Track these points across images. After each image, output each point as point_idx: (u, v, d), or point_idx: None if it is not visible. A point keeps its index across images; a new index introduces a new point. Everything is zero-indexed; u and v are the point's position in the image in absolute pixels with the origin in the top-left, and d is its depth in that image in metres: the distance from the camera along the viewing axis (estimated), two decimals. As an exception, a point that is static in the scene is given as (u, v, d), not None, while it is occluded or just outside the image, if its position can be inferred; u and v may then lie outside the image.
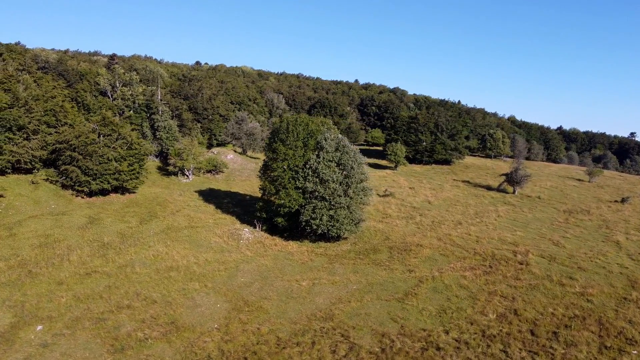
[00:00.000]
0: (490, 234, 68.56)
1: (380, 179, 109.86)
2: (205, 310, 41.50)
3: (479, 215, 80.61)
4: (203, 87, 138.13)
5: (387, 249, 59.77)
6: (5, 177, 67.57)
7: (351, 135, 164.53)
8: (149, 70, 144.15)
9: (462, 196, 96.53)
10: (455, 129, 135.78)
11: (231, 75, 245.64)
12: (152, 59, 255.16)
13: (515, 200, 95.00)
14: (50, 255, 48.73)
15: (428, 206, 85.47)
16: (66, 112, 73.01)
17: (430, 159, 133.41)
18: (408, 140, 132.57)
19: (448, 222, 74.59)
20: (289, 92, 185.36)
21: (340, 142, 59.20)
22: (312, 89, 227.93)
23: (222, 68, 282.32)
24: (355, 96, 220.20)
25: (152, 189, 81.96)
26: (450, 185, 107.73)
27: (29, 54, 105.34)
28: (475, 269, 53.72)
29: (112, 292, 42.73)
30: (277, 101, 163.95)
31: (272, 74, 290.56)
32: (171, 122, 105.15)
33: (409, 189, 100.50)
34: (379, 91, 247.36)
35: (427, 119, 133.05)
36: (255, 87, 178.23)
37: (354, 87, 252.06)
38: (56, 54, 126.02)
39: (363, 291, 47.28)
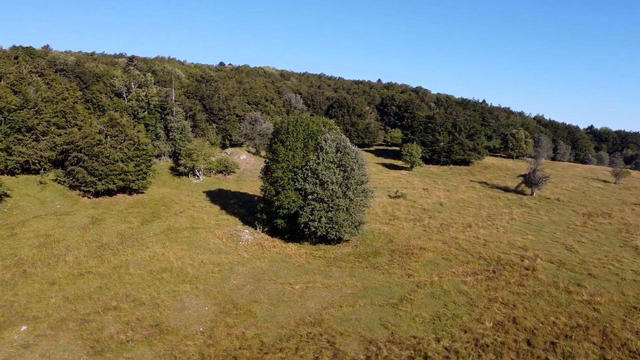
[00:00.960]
0: (500, 237, 66.28)
1: (394, 180, 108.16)
2: (192, 313, 41.11)
3: (491, 217, 78.19)
4: (219, 88, 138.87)
5: (389, 252, 58.37)
6: (15, 177, 69.07)
7: (369, 135, 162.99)
8: (166, 71, 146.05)
9: (477, 198, 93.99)
10: (474, 129, 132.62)
11: (253, 76, 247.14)
12: (174, 61, 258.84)
13: (532, 203, 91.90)
14: (47, 255, 49.28)
15: (439, 208, 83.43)
16: (77, 113, 74.13)
17: (447, 159, 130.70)
18: (425, 140, 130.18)
19: (457, 224, 72.54)
20: (308, 92, 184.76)
21: (341, 143, 58.10)
22: (333, 89, 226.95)
23: (244, 69, 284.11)
24: (376, 96, 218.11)
25: (161, 190, 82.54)
26: (466, 187, 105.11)
27: (49, 57, 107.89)
28: (477, 274, 51.87)
29: (102, 293, 42.80)
30: (294, 101, 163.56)
31: (294, 74, 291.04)
32: (185, 122, 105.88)
33: (422, 190, 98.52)
34: (400, 90, 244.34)
35: (444, 119, 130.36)
36: (273, 88, 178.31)
37: (375, 86, 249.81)
38: (74, 56, 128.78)
39: (357, 296, 46.12)
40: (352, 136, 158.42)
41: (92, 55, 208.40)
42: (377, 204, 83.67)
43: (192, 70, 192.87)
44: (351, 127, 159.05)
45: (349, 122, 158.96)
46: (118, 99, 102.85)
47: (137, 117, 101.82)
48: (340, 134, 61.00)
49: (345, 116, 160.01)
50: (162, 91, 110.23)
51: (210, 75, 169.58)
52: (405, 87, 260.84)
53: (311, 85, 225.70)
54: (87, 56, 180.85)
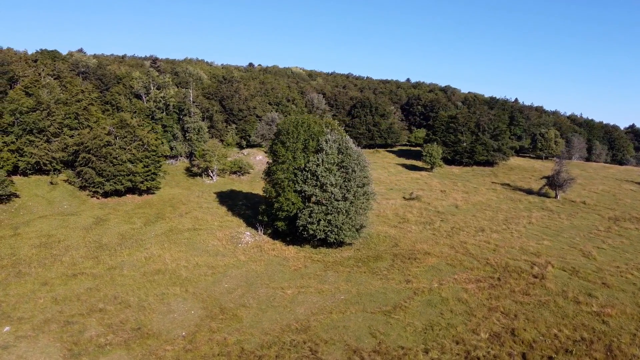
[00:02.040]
0: (513, 242, 63.36)
1: (411, 181, 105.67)
2: (177, 316, 40.61)
3: (507, 221, 75.02)
4: (240, 89, 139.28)
5: (391, 256, 56.52)
6: (28, 178, 70.76)
7: (392, 135, 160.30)
8: (188, 72, 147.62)
9: (496, 200, 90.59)
10: (499, 129, 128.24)
11: (280, 76, 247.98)
12: (202, 62, 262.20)
13: (555, 206, 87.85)
14: (45, 255, 49.92)
15: (454, 211, 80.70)
16: (90, 114, 75.35)
17: (470, 160, 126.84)
18: (447, 140, 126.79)
19: (469, 228, 69.86)
20: (332, 92, 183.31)
21: (343, 144, 56.65)
22: (359, 89, 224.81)
23: (272, 69, 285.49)
24: (402, 95, 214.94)
25: (173, 190, 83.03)
26: (486, 189, 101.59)
27: (71, 60, 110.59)
28: (481, 282, 49.49)
29: (91, 295, 42.86)
30: (317, 101, 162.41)
31: (321, 74, 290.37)
32: (201, 123, 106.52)
33: (439, 192, 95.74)
34: (428, 90, 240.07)
35: (467, 119, 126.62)
36: (297, 88, 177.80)
37: (402, 86, 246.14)
38: (96, 59, 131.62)
39: (350, 302, 44.65)
40: (375, 136, 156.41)
41: (123, 58, 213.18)
42: (389, 206, 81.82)
43: (218, 72, 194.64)
44: (374, 127, 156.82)
45: (372, 122, 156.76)
46: (137, 100, 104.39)
47: (154, 118, 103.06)
48: (344, 135, 59.49)
49: (367, 116, 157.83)
50: (181, 92, 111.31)
51: (233, 76, 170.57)
52: (433, 86, 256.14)
53: (336, 85, 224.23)
54: (118, 59, 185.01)
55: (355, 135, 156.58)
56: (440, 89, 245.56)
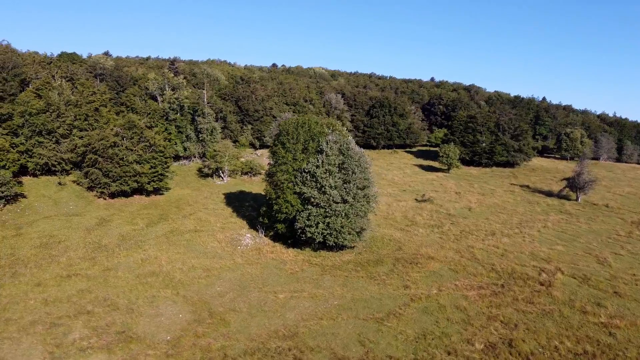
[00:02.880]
0: (523, 247, 60.86)
1: (426, 183, 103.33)
2: (164, 320, 40.10)
3: (521, 225, 72.28)
4: (257, 89, 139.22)
5: (393, 260, 54.93)
6: (37, 178, 71.92)
7: (411, 135, 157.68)
8: (206, 73, 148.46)
9: (512, 203, 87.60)
10: (520, 129, 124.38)
11: (302, 76, 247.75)
12: (225, 63, 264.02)
13: (575, 209, 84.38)
14: (43, 256, 50.28)
15: (466, 213, 78.28)
16: (100, 116, 76.17)
17: (489, 161, 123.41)
18: (465, 141, 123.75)
19: (480, 232, 67.53)
20: (351, 92, 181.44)
21: (344, 145, 55.31)
22: (380, 88, 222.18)
23: (296, 70, 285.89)
24: (425, 95, 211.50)
25: (182, 191, 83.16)
26: (504, 191, 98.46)
27: (89, 62, 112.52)
28: (483, 289, 47.49)
29: (82, 296, 42.79)
30: (335, 101, 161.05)
31: (343, 74, 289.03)
32: (215, 124, 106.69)
33: (454, 194, 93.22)
34: (451, 89, 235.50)
35: (486, 118, 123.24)
36: (315, 88, 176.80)
37: (425, 85, 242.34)
38: (114, 61, 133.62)
39: (343, 308, 43.35)
40: (393, 136, 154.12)
41: (147, 60, 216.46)
42: (399, 208, 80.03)
43: (237, 72, 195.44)
44: (392, 127, 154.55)
45: (390, 122, 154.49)
46: (152, 101, 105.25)
47: (168, 118, 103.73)
48: (346, 136, 58.13)
49: (386, 116, 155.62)
50: (195, 93, 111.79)
51: (250, 76, 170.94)
52: (457, 85, 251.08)
53: (357, 85, 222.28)
54: (140, 61, 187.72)
55: (374, 135, 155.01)
56: (464, 87, 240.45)
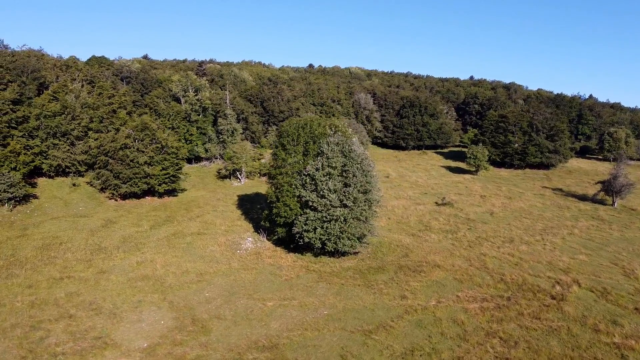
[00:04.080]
0: (542, 256, 56.73)
1: (451, 185, 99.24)
2: (145, 326, 39.24)
3: (545, 231, 67.75)
4: (283, 90, 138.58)
5: (396, 268, 52.26)
6: (53, 179, 73.48)
7: (442, 136, 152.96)
8: (233, 74, 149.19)
9: (540, 207, 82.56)
10: (556, 128, 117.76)
11: (337, 76, 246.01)
12: (260, 64, 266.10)
13: (609, 215, 78.59)
14: (42, 257, 50.71)
15: (487, 218, 74.22)
16: (116, 118, 77.12)
17: (522, 162, 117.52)
18: (496, 141, 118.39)
19: (497, 238, 63.65)
20: (382, 91, 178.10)
21: (346, 147, 53.08)
22: (414, 88, 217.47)
23: (331, 70, 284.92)
24: (461, 94, 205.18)
25: (197, 192, 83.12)
26: (533, 194, 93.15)
27: (116, 65, 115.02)
28: (487, 301, 44.21)
29: (69, 299, 42.61)
30: (364, 102, 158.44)
31: (379, 73, 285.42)
32: (236, 125, 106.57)
33: (479, 197, 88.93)
34: (490, 87, 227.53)
35: (518, 118, 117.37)
36: (345, 88, 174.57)
37: (461, 84, 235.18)
38: (139, 63, 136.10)
39: (331, 318, 41.23)
40: (423, 137, 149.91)
41: (184, 62, 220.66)
42: (416, 211, 76.86)
43: (266, 73, 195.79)
44: (422, 127, 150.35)
45: (420, 122, 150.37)
46: (175, 103, 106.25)
47: (190, 120, 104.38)
48: (350, 137, 55.83)
49: (416, 116, 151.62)
50: (218, 94, 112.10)
51: (279, 77, 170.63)
52: (496, 83, 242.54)
53: (390, 84, 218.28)
54: (172, 63, 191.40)
55: (403, 136, 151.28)
56: (503, 86, 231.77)
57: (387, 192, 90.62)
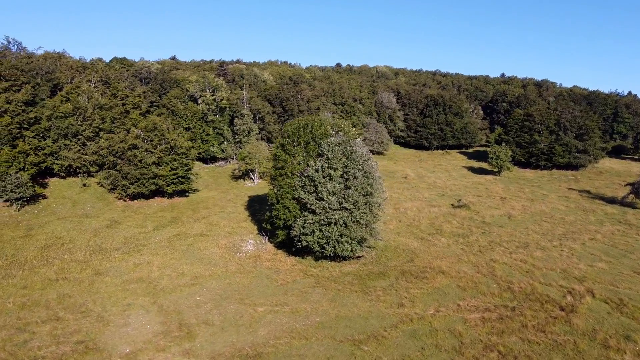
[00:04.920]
0: (557, 263, 53.47)
1: (471, 187, 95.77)
2: (131, 330, 38.57)
3: (565, 236, 64.13)
4: (303, 90, 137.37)
5: (398, 273, 50.13)
6: (65, 180, 74.41)
7: (467, 135, 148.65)
8: (253, 75, 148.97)
9: (563, 210, 78.47)
10: (586, 127, 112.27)
11: (362, 75, 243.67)
12: (285, 63, 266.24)
13: (638, 219, 73.99)
14: (42, 258, 50.94)
15: (503, 222, 70.93)
16: (129, 118, 77.57)
17: (548, 162, 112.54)
18: (521, 141, 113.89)
19: (511, 243, 60.56)
20: (407, 90, 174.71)
21: (348, 147, 51.28)
22: (441, 86, 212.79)
23: (359, 69, 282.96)
24: (490, 92, 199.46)
25: (209, 193, 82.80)
26: (558, 196, 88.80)
27: (135, 66, 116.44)
28: (489, 311, 41.65)
29: (60, 301, 42.41)
30: (387, 101, 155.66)
31: (406, 71, 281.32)
32: (252, 125, 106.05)
33: (499, 200, 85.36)
34: (521, 84, 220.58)
35: (545, 116, 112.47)
36: (368, 87, 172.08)
37: (490, 81, 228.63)
38: (163, 64, 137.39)
39: (322, 326, 39.60)
40: (447, 136, 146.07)
41: (210, 63, 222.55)
42: (429, 214, 74.22)
43: (291, 72, 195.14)
44: (446, 126, 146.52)
45: (444, 122, 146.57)
46: (192, 103, 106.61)
47: (206, 120, 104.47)
48: (354, 137, 54.02)
49: (440, 115, 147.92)
50: (236, 94, 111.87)
51: (301, 75, 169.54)
52: (528, 80, 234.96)
53: (416, 83, 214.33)
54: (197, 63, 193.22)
55: (426, 135, 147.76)
56: (535, 83, 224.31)
57: (403, 194, 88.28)
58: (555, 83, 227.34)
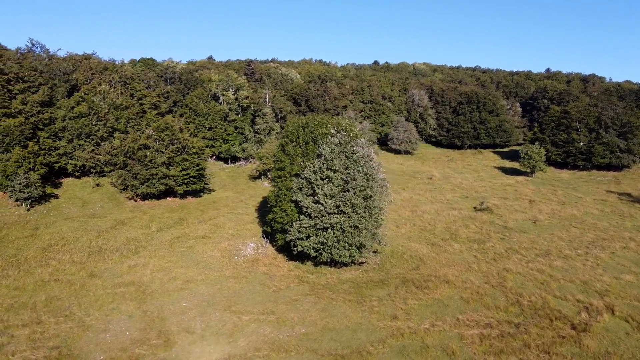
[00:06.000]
0: (578, 274, 48.87)
1: (499, 189, 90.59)
2: (109, 337, 37.50)
3: (593, 244, 59.00)
4: (330, 88, 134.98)
5: (399, 282, 47.08)
6: (79, 179, 75.24)
7: (502, 134, 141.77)
8: (280, 73, 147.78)
9: (596, 215, 72.63)
10: (630, 124, 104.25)
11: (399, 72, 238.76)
12: (320, 62, 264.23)
13: (681, 225, 67.32)
14: (41, 258, 50.92)
15: (528, 227, 66.19)
16: (145, 118, 77.72)
17: (587, 163, 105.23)
18: (557, 139, 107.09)
19: (530, 250, 56.14)
20: (440, 87, 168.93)
21: (347, 148, 48.60)
22: (480, 83, 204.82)
23: (396, 66, 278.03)
24: (531, 87, 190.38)
25: (223, 193, 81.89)
26: (593, 199, 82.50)
27: (161, 67, 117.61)
28: (490, 327, 38.10)
29: (47, 304, 41.94)
30: (418, 98, 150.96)
31: (444, 68, 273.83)
32: (274, 124, 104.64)
33: (527, 202, 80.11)
34: (565, 80, 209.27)
35: (583, 113, 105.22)
36: (401, 85, 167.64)
37: (533, 77, 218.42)
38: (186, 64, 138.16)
39: (306, 338, 37.28)
40: (481, 135, 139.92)
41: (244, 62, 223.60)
42: (446, 218, 70.27)
43: (323, 70, 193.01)
44: (480, 124, 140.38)
45: (478, 120, 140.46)
46: (215, 103, 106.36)
47: (227, 119, 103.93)
48: (356, 137, 51.13)
49: (473, 113, 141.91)
50: (258, 93, 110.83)
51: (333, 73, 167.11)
52: (574, 75, 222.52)
53: (452, 80, 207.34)
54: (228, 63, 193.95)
55: (458, 134, 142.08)
56: (581, 78, 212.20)
57: (424, 195, 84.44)
58: (603, 78, 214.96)
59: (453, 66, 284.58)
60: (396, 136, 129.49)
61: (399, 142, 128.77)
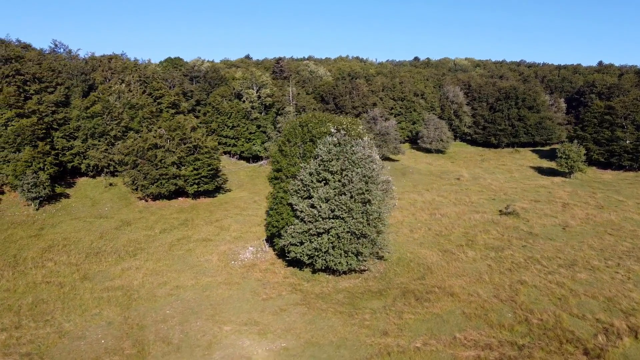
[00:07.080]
0: (603, 288, 43.79)
1: (531, 190, 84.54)
2: (83, 345, 36.13)
3: (628, 254, 53.25)
4: (359, 85, 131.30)
5: (399, 293, 43.60)
6: (93, 179, 75.47)
7: (542, 132, 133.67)
8: (309, 70, 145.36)
9: (636, 221, 66.04)
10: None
11: (439, 68, 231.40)
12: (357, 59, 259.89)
13: None
14: (40, 259, 50.60)
15: (556, 233, 60.77)
16: (159, 117, 77.19)
17: (634, 163, 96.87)
18: (599, 137, 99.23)
19: (554, 260, 51.12)
20: (478, 83, 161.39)
21: (347, 148, 45.46)
22: (522, 78, 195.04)
23: (437, 62, 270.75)
24: (579, 82, 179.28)
25: (238, 194, 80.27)
26: (637, 203, 75.35)
27: (187, 65, 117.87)
28: (490, 349, 34.15)
29: (33, 307, 41.16)
30: (452, 95, 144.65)
31: (487, 62, 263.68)
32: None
33: (560, 206, 74.11)
34: (617, 73, 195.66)
35: (630, 108, 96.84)
36: (435, 81, 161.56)
37: (581, 71, 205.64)
38: (210, 63, 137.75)
39: (286, 353, 34.64)
40: (519, 133, 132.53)
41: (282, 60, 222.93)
42: (467, 222, 65.80)
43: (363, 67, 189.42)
44: (518, 121, 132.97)
45: (516, 116, 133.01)
46: (238, 101, 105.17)
47: (249, 118, 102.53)
48: (357, 137, 47.87)
49: (512, 109, 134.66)
50: (282, 91, 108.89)
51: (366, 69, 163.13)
52: (628, 68, 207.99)
53: (492, 75, 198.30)
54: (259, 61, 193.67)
55: (495, 132, 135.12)
56: (636, 71, 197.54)
57: (447, 197, 79.85)
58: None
59: (497, 61, 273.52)
60: (427, 134, 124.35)
61: (429, 141, 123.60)
